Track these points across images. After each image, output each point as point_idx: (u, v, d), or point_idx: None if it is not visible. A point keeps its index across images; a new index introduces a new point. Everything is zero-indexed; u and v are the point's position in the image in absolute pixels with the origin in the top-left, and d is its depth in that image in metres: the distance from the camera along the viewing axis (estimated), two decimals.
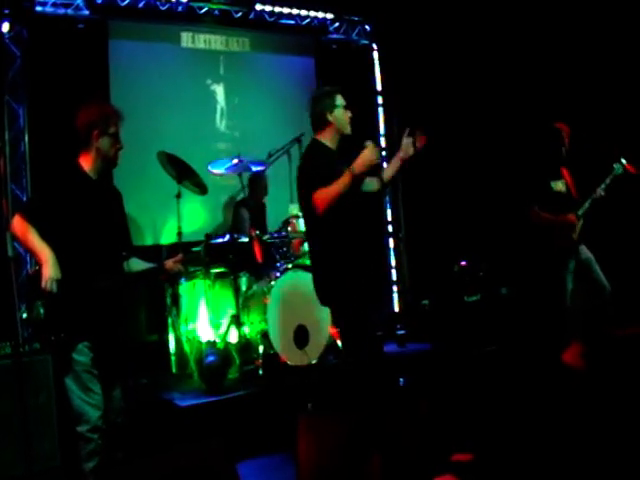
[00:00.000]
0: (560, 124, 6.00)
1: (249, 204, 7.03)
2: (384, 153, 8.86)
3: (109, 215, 4.01)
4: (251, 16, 7.95)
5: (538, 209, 5.92)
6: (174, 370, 6.42)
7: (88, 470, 3.70)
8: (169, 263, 4.14)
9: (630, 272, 6.53)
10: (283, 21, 8.23)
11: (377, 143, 8.80)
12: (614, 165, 5.86)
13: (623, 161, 5.84)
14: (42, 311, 3.69)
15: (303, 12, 8.28)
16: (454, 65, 7.97)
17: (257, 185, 7.28)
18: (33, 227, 3.72)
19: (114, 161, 4.03)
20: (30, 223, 3.73)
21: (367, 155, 4.33)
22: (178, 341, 6.38)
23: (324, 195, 4.22)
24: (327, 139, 4.61)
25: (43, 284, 3.62)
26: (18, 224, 3.74)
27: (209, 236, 5.53)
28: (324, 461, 2.94)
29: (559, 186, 6.01)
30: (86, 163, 3.94)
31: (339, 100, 4.67)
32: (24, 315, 3.77)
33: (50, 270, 3.64)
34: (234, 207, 7.31)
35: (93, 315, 3.80)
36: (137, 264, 4.19)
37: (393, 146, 8.53)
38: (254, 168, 6.65)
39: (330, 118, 4.57)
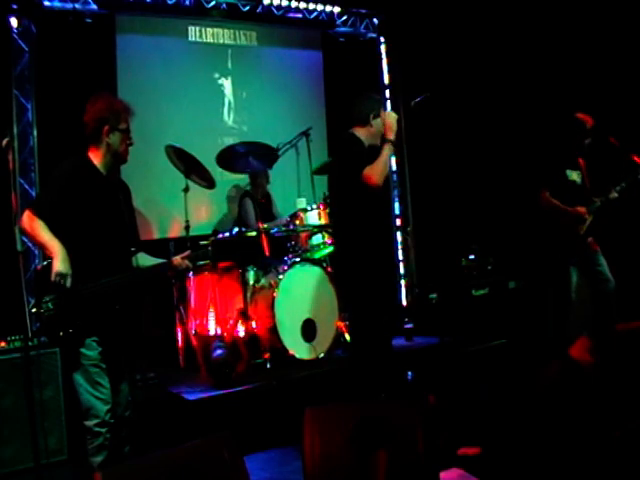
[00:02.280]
0: (583, 115, 5.93)
1: (254, 195, 7.02)
2: None
3: (118, 210, 4.01)
4: (259, 10, 7.94)
5: (550, 195, 5.88)
6: (182, 364, 6.45)
7: (96, 465, 3.71)
8: (177, 260, 4.13)
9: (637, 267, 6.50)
10: (290, 14, 8.20)
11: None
12: (637, 171, 5.75)
13: None
14: (51, 306, 3.70)
15: (311, 5, 8.25)
16: (463, 57, 7.94)
17: (257, 174, 7.23)
18: (43, 222, 3.73)
19: (124, 157, 4.04)
20: (40, 218, 3.73)
21: (390, 118, 4.70)
22: (186, 335, 6.39)
23: (375, 169, 4.56)
24: (363, 136, 4.84)
25: (53, 278, 3.62)
26: (27, 220, 3.74)
27: (217, 232, 5.51)
28: (330, 454, 2.94)
29: (574, 176, 5.96)
30: (96, 158, 3.94)
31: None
32: (33, 310, 3.77)
33: (60, 265, 3.64)
34: (239, 199, 7.31)
35: (101, 310, 3.81)
36: (145, 260, 4.20)
37: (400, 139, 8.53)
38: None
39: (372, 122, 4.82)
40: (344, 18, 8.57)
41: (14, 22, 6.50)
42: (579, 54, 7.10)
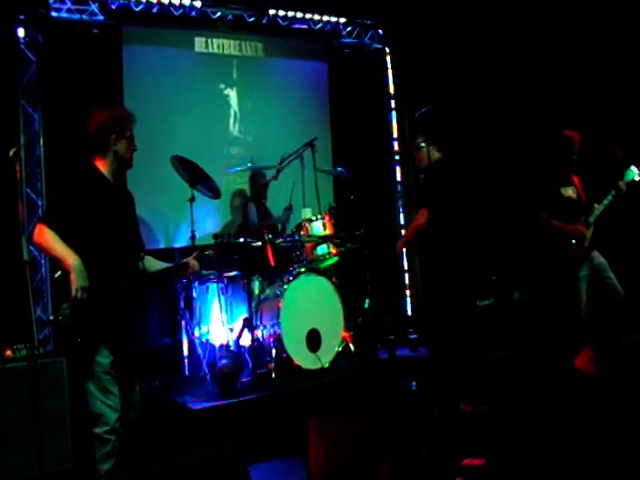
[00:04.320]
0: (571, 132, 5.99)
1: (258, 201, 7.07)
2: (397, 157, 8.88)
3: (126, 216, 4.10)
4: (264, 21, 7.97)
5: (547, 216, 5.92)
6: (187, 373, 6.45)
7: (103, 472, 3.73)
8: (191, 261, 4.22)
9: None
10: (296, 26, 8.24)
11: (390, 147, 8.82)
12: (625, 172, 5.85)
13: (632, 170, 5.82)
14: (68, 312, 3.75)
15: (316, 17, 8.28)
16: (466, 68, 7.97)
17: (255, 183, 7.26)
18: (56, 234, 3.76)
19: (129, 163, 4.10)
20: (53, 230, 3.76)
21: None
22: (191, 344, 6.40)
23: None
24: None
25: (73, 292, 3.67)
26: (41, 233, 3.77)
27: (217, 236, 5.47)
28: (334, 464, 2.95)
29: (569, 192, 6.01)
30: (103, 166, 4.00)
31: None
32: (51, 317, 3.83)
33: (79, 279, 3.69)
34: (243, 206, 7.36)
35: (115, 316, 3.86)
36: (154, 264, 4.25)
37: (406, 150, 8.54)
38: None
39: None
40: (349, 29, 8.61)
41: (21, 33, 6.55)
42: (572, 71, 7.18)
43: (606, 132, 6.43)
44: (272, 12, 7.94)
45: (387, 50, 9.00)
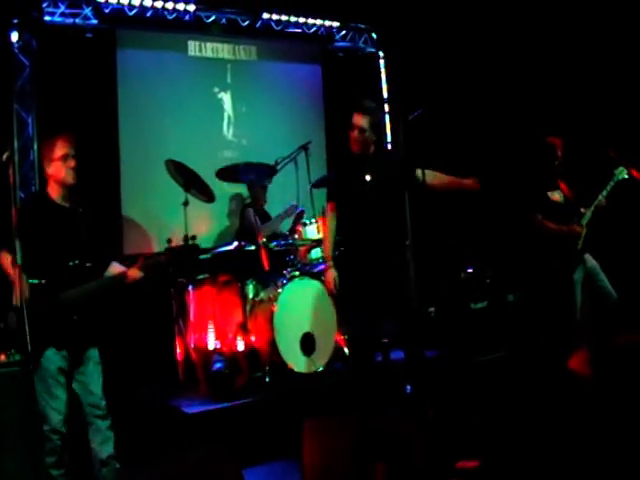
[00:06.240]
0: (553, 138, 6.03)
1: (255, 206, 7.08)
2: None
3: (75, 234, 4.20)
4: (258, 25, 7.98)
5: (542, 218, 5.94)
6: (181, 377, 6.44)
7: (49, 464, 4.00)
8: (130, 271, 4.29)
9: (636, 278, 6.52)
10: (290, 29, 8.25)
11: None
12: (614, 171, 5.87)
13: (622, 168, 5.85)
14: (15, 319, 3.94)
15: (310, 20, 8.30)
16: (459, 72, 7.99)
17: (255, 188, 7.27)
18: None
19: (67, 182, 4.19)
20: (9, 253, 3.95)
21: None
22: (185, 348, 6.39)
23: None
24: None
25: (14, 300, 3.86)
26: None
27: (170, 240, 5.20)
28: (329, 467, 2.95)
29: (555, 196, 6.04)
30: (52, 192, 4.21)
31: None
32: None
33: (20, 288, 3.83)
34: (240, 212, 7.33)
35: (59, 323, 4.05)
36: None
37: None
38: None
39: None
40: (343, 33, 8.63)
41: (15, 37, 6.54)
42: (562, 80, 7.23)
43: (593, 137, 6.46)
44: (266, 16, 7.95)
45: (381, 54, 9.01)
